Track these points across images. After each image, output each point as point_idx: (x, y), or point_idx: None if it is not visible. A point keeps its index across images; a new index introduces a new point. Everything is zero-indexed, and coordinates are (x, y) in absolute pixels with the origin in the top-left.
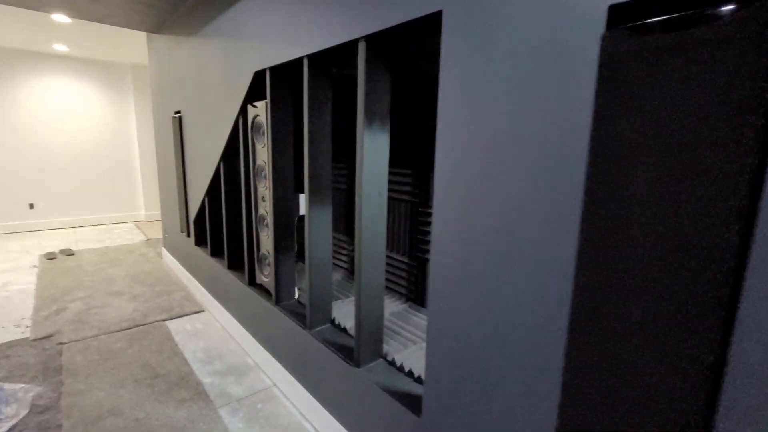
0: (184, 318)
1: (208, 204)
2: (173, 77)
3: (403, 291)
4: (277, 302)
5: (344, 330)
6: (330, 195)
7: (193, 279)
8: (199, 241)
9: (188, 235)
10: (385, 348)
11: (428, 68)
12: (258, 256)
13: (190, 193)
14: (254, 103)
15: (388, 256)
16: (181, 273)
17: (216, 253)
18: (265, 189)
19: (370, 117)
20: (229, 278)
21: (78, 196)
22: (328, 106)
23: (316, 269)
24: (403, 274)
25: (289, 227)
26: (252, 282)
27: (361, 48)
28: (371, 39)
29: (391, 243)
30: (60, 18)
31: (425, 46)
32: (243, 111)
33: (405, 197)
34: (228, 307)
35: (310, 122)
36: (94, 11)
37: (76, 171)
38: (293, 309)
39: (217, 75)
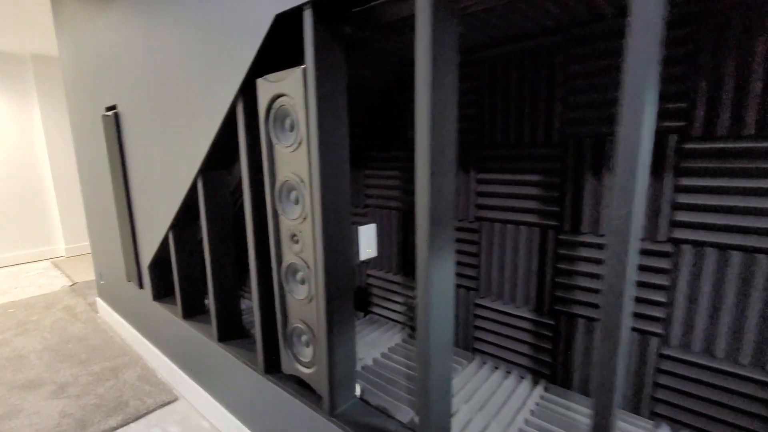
0: (149, 418)
1: (176, 241)
2: (101, 57)
3: (524, 363)
4: (333, 410)
5: None
6: (453, 232)
7: (150, 344)
8: (161, 295)
9: (140, 285)
10: None
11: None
12: (286, 331)
13: (142, 225)
14: (268, 77)
15: (499, 311)
16: (129, 334)
17: (192, 313)
18: (300, 221)
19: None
20: (224, 358)
21: None
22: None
23: (436, 360)
24: (526, 337)
25: (347, 284)
26: (271, 369)
27: None
28: None
29: (501, 288)
30: None
31: None
32: (245, 92)
33: (532, 218)
34: (221, 394)
35: (433, 107)
36: None
37: None
38: (364, 424)
39: (189, 36)
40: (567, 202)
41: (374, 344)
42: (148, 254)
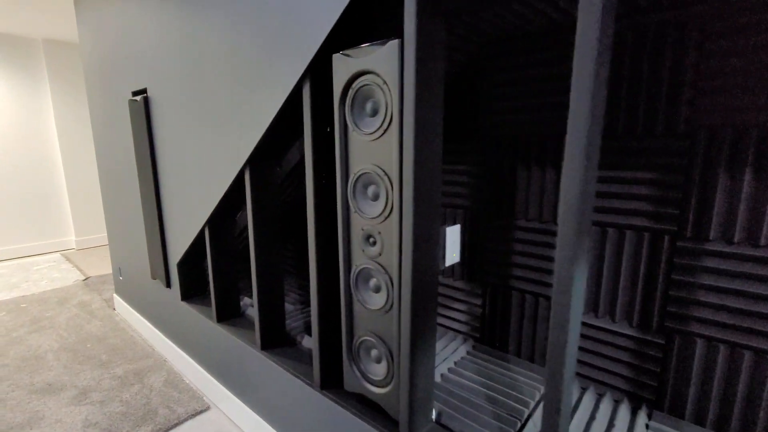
0: (181, 429)
1: (212, 238)
2: (128, 36)
3: (621, 385)
4: None
5: None
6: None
7: (177, 347)
8: (190, 295)
9: (167, 284)
10: None
11: None
12: (352, 344)
13: (172, 219)
14: (348, 52)
15: (593, 326)
16: (151, 334)
17: (226, 316)
18: (380, 220)
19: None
20: (268, 368)
21: None
22: None
23: (567, 387)
24: (626, 356)
25: (433, 293)
26: (328, 384)
27: None
28: None
29: (596, 300)
30: None
31: None
32: (314, 70)
33: (640, 222)
34: (262, 406)
35: (594, 90)
36: None
37: None
38: None
39: (243, 7)
40: (692, 204)
41: (439, 357)
42: (177, 251)
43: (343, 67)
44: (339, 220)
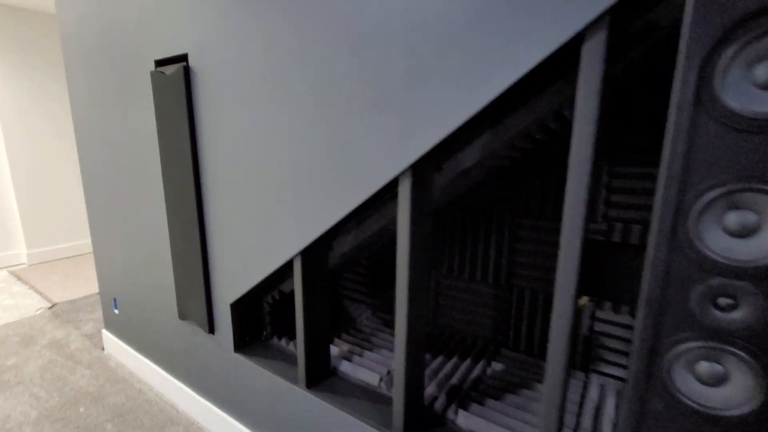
0: None
1: (307, 273)
2: None
3: None
4: None
5: None
6: None
7: (223, 413)
8: (245, 343)
9: (210, 329)
10: None
11: None
12: None
13: (224, 243)
14: None
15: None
16: (171, 387)
17: (318, 378)
18: (751, 270)
19: None
20: None
21: None
22: None
23: None
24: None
25: None
26: None
27: None
28: None
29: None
30: None
31: None
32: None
33: None
34: None
35: None
36: None
37: None
38: None
39: None
40: None
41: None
42: (233, 287)
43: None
44: (651, 256)
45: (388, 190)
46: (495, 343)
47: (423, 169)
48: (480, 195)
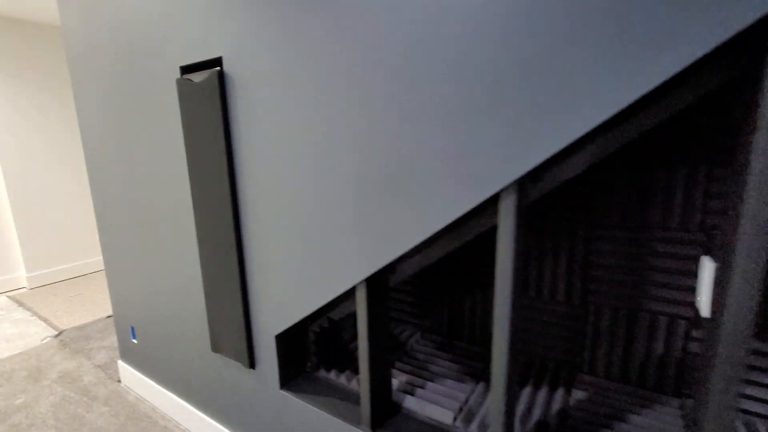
0: None
1: (372, 302)
2: None
3: None
4: None
5: None
6: None
7: None
8: (290, 378)
9: (250, 364)
10: None
11: None
12: None
13: (267, 267)
14: None
15: None
16: (201, 424)
17: (382, 418)
18: None
19: None
20: None
21: None
22: None
23: None
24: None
25: None
26: None
27: None
28: None
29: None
30: None
31: None
32: None
33: None
34: None
35: None
36: None
37: None
38: None
39: None
40: None
41: None
42: (279, 317)
43: None
44: None
45: (483, 208)
46: (568, 367)
47: (526, 182)
48: (548, 204)
